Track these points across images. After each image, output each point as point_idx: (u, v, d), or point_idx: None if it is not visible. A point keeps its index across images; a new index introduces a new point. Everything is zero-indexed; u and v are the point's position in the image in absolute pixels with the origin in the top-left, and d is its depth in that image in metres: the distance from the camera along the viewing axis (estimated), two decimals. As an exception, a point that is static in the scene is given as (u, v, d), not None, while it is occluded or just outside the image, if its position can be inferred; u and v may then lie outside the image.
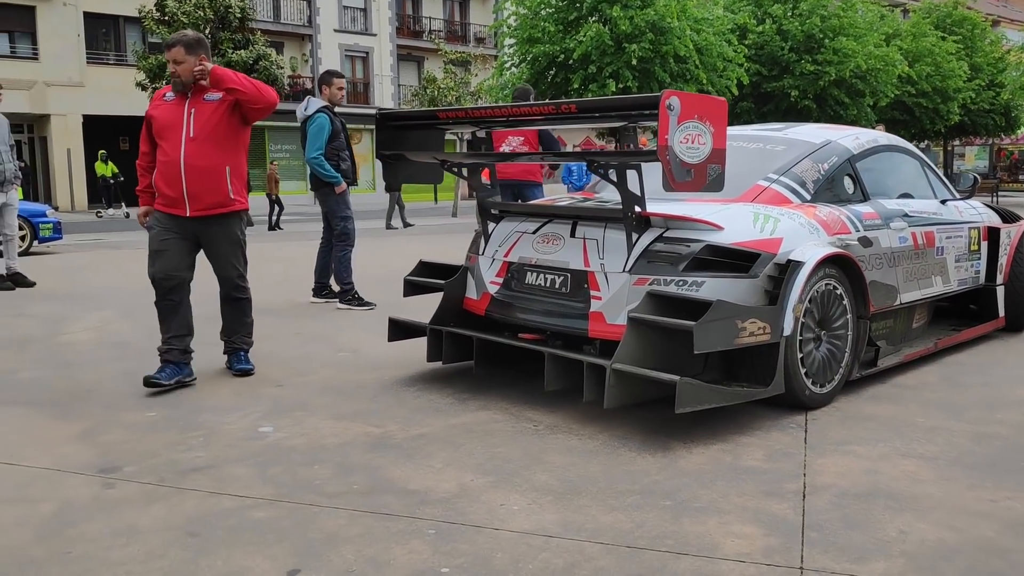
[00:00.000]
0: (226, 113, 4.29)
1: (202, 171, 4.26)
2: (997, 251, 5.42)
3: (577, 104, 3.59)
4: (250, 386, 4.44)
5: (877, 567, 2.46)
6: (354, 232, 6.69)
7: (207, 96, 4.29)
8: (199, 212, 4.32)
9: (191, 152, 4.24)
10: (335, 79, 6.70)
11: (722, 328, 3.43)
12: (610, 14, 17.88)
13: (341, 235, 6.62)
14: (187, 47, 4.22)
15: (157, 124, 4.34)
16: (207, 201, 4.31)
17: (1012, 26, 48.72)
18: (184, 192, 4.26)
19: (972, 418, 3.85)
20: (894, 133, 13.07)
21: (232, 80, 4.21)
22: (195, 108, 4.27)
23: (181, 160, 4.23)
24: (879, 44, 23.04)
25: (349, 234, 6.63)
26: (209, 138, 4.25)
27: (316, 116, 6.45)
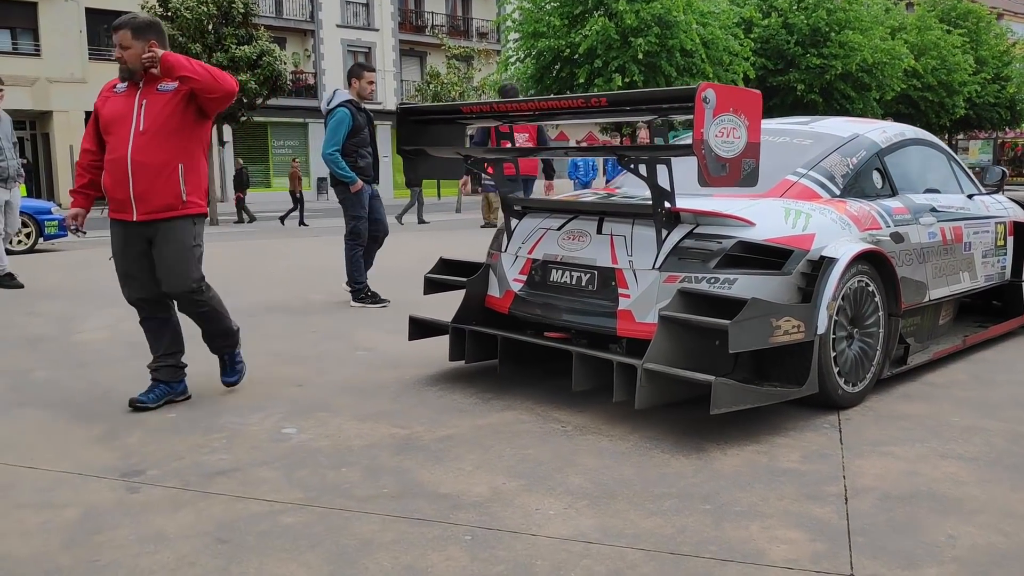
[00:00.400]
0: (180, 105, 3.81)
1: (151, 169, 3.77)
2: (1023, 247, 5.34)
3: (608, 97, 3.51)
4: (270, 386, 4.37)
5: (929, 573, 2.39)
6: (366, 232, 6.56)
7: (161, 87, 3.82)
8: (147, 216, 3.82)
9: (139, 147, 3.76)
10: (366, 72, 6.52)
11: (757, 327, 3.35)
12: (616, 8, 17.82)
13: (352, 233, 6.51)
14: (135, 31, 3.78)
15: (104, 118, 3.88)
16: (155, 203, 3.80)
17: (1017, 19, 48.52)
18: (131, 193, 3.79)
19: (1008, 417, 3.78)
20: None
21: (185, 67, 3.71)
22: (147, 100, 3.81)
23: (128, 157, 3.76)
24: (885, 38, 22.99)
25: (360, 233, 6.51)
26: (160, 132, 3.78)
27: (337, 110, 6.30)
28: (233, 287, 7.91)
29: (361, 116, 6.38)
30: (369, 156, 6.43)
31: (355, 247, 6.51)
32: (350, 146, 6.30)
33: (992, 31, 30.61)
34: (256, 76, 18.62)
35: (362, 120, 6.37)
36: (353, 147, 6.34)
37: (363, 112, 6.44)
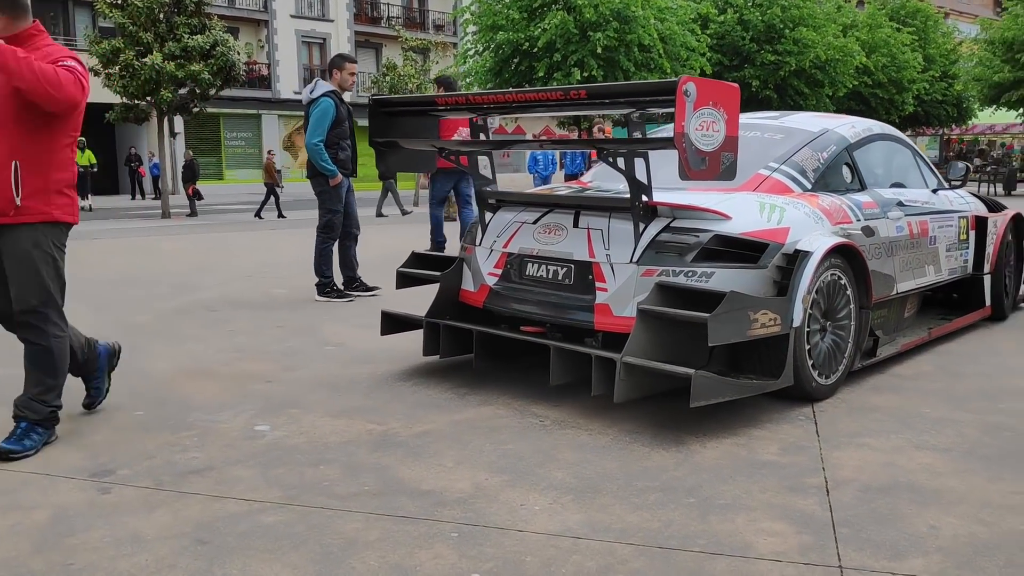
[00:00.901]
0: (16, 90, 3.08)
1: None
2: (984, 241, 5.45)
3: (588, 90, 3.48)
4: (237, 383, 4.28)
5: (915, 564, 2.41)
6: (340, 226, 6.45)
7: None
8: None
9: None
10: (347, 64, 6.39)
11: (735, 320, 3.36)
12: (574, 2, 17.82)
13: (325, 227, 6.41)
14: None
15: None
16: None
17: (961, 18, 49.63)
18: None
19: (977, 408, 3.85)
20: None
21: (7, 62, 3.00)
22: None
23: None
24: (837, 35, 23.33)
25: (334, 227, 6.41)
26: None
27: (320, 100, 6.17)
28: (194, 281, 7.77)
29: (343, 108, 6.27)
30: (349, 149, 6.31)
31: (326, 240, 6.40)
32: (331, 138, 6.18)
33: (940, 30, 31.26)
34: (210, 66, 18.25)
35: (344, 112, 6.26)
36: (334, 139, 6.22)
37: (344, 104, 6.33)
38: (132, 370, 4.49)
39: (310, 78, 34.67)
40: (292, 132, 34.96)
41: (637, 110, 3.58)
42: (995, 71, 24.67)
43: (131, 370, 4.48)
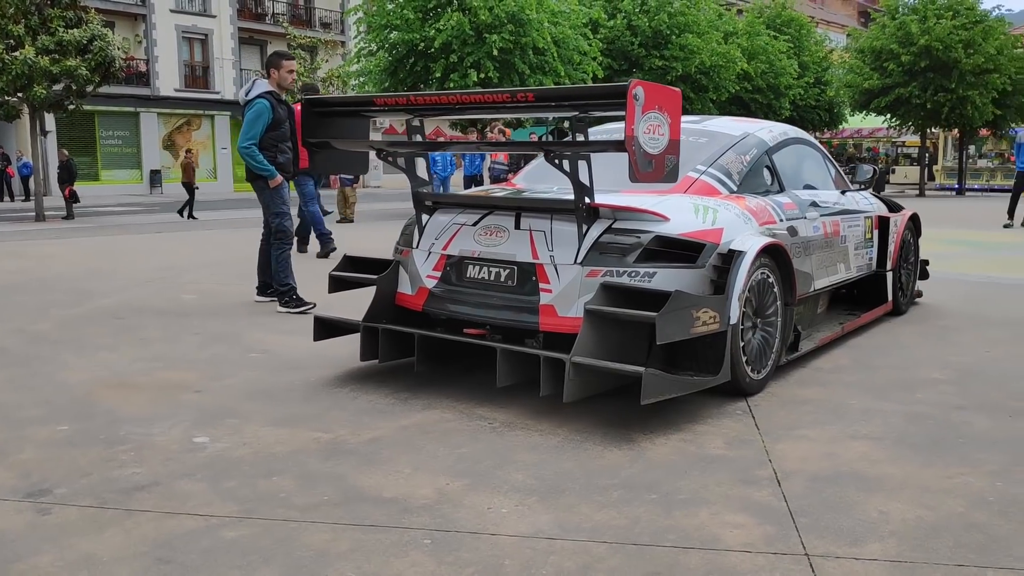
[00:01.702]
0: None
1: None
2: (887, 239, 5.76)
3: (535, 92, 3.50)
4: (164, 393, 4.10)
5: (874, 548, 2.53)
6: (292, 228, 6.19)
7: None
8: None
9: None
10: (285, 62, 6.07)
11: (680, 318, 3.45)
12: (470, 4, 17.81)
13: (277, 232, 6.09)
14: None
15: None
16: None
17: (829, 28, 52.29)
18: None
19: (897, 398, 4.06)
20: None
21: None
22: None
23: None
24: (720, 42, 24.16)
25: (287, 231, 6.11)
26: None
27: (255, 102, 5.87)
28: (89, 287, 7.38)
29: (282, 109, 5.98)
30: (289, 151, 6.04)
31: (283, 246, 6.07)
32: (269, 140, 5.90)
33: (812, 38, 32.84)
34: (87, 62, 17.36)
35: (282, 113, 5.98)
36: (272, 141, 5.93)
37: (283, 104, 6.05)
38: (45, 382, 4.24)
39: (191, 75, 33.64)
40: (172, 131, 33.69)
41: (580, 113, 3.62)
42: (865, 78, 26.13)
43: (44, 382, 4.24)
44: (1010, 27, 27.20)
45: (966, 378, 4.43)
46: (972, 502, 2.87)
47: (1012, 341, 5.34)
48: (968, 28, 25.05)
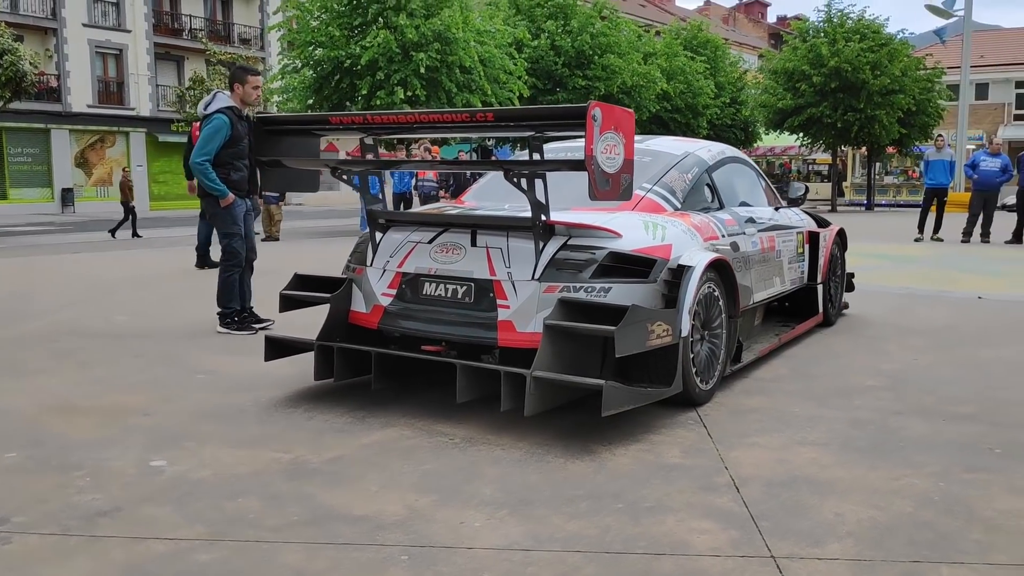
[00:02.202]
0: None
1: None
2: (817, 253, 6.01)
3: (495, 112, 3.57)
4: (113, 416, 4.00)
5: (834, 548, 2.65)
6: (242, 250, 5.92)
7: None
8: None
9: None
10: (251, 76, 5.85)
11: (637, 332, 3.54)
12: (396, 22, 17.85)
13: (226, 253, 5.84)
14: None
15: None
16: None
17: (741, 49, 53.92)
18: None
19: (837, 406, 4.24)
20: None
21: None
22: None
23: None
24: (640, 62, 24.73)
25: (236, 253, 5.86)
26: None
27: (213, 117, 5.66)
28: (14, 308, 7.13)
29: (242, 125, 5.74)
30: (245, 169, 5.81)
31: (230, 267, 5.83)
32: (225, 157, 5.68)
33: (727, 59, 33.85)
34: (-3, 76, 16.80)
35: (242, 130, 5.74)
36: (228, 158, 5.72)
37: (244, 120, 5.80)
38: (-17, 409, 4.09)
39: (105, 91, 32.69)
40: (85, 148, 32.65)
41: (536, 133, 3.69)
42: (779, 99, 27.06)
43: (-18, 409, 4.09)
44: (912, 49, 28.54)
45: (899, 385, 4.65)
46: (919, 502, 3.02)
47: (936, 349, 5.62)
48: (875, 51, 26.18)
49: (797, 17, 33.32)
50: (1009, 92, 42.51)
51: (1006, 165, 14.24)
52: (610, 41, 23.64)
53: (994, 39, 44.82)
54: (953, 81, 32.56)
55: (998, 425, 3.93)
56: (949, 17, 28.79)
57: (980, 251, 13.10)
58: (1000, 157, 14.34)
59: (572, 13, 24.09)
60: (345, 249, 4.90)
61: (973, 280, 9.34)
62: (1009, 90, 42.47)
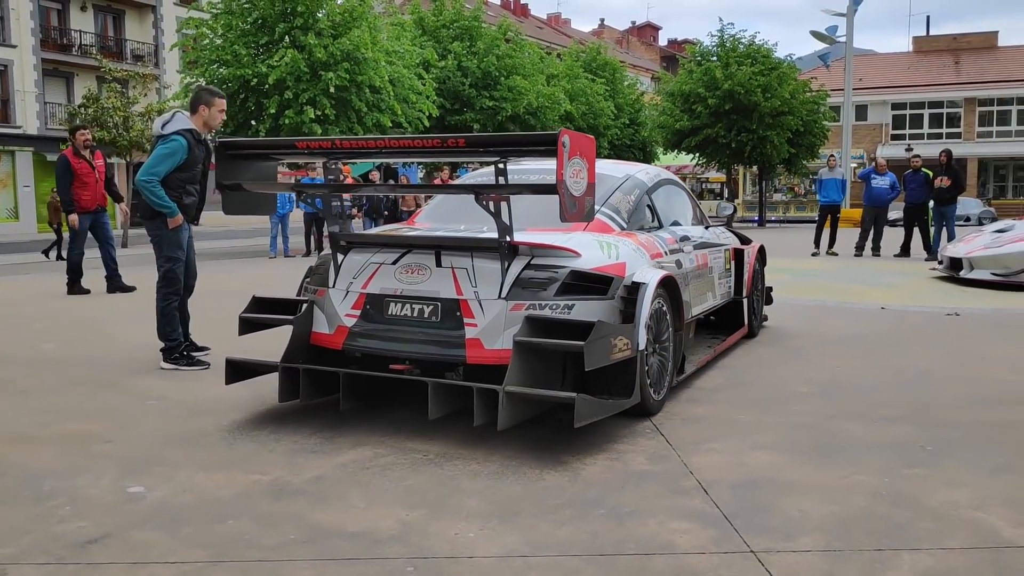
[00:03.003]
0: None
1: None
2: (742, 269, 6.36)
3: (466, 139, 3.70)
4: (74, 445, 3.93)
5: (806, 541, 2.88)
6: (182, 276, 5.63)
7: None
8: None
9: None
10: (217, 100, 5.56)
11: (603, 346, 3.73)
12: (304, 41, 17.75)
13: (165, 279, 5.52)
14: None
15: None
16: None
17: (634, 71, 55.55)
18: None
19: (777, 412, 4.53)
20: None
21: None
22: None
23: None
24: (544, 84, 25.24)
25: (175, 279, 5.54)
26: None
27: (171, 138, 5.39)
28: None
29: (199, 149, 5.51)
30: (196, 195, 5.57)
31: (169, 296, 5.55)
32: (176, 180, 5.41)
33: (626, 81, 34.85)
34: None
35: (199, 154, 5.51)
36: (181, 182, 5.45)
37: (203, 144, 5.58)
38: (-70, 442, 3.95)
39: (-12, 108, 31.13)
40: (-34, 168, 31.04)
41: (503, 159, 3.84)
42: (676, 120, 28.04)
43: (-71, 442, 3.95)
44: (799, 72, 30.06)
45: (828, 391, 4.99)
46: (870, 497, 3.29)
47: (853, 357, 6.02)
48: (765, 74, 27.46)
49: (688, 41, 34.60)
50: (886, 113, 45.16)
51: (894, 183, 15.17)
52: (516, 63, 24.06)
53: (870, 63, 47.65)
54: (835, 103, 34.43)
55: (924, 425, 4.28)
56: (832, 43, 30.43)
57: (873, 264, 13.92)
58: (888, 175, 15.25)
59: (478, 35, 24.43)
60: (254, 270, 4.92)
61: (872, 292, 9.95)
62: (886, 111, 45.12)
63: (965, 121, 44.04)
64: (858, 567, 2.69)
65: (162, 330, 5.59)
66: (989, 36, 49.43)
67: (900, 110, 45.24)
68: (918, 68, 47.17)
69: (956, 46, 49.03)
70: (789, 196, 38.23)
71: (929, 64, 47.47)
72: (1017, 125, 43.39)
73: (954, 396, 4.86)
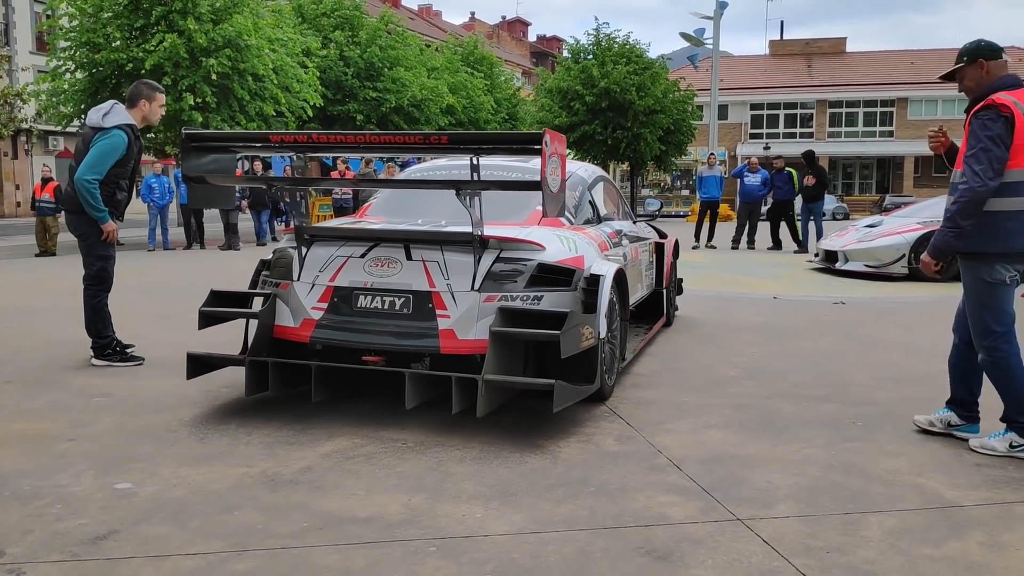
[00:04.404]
0: None
1: None
2: (662, 262, 6.70)
3: (449, 136, 3.80)
4: (34, 444, 3.80)
5: (782, 509, 3.18)
6: (112, 276, 5.49)
7: None
8: None
9: None
10: (158, 95, 5.39)
11: (575, 335, 3.94)
12: (184, 26, 17.12)
13: (96, 278, 5.43)
14: None
15: None
16: None
17: (508, 66, 56.18)
18: None
19: (717, 394, 4.86)
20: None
21: None
22: None
23: None
24: (427, 76, 25.25)
25: (107, 278, 5.44)
26: None
27: (112, 132, 5.17)
28: None
29: (136, 145, 5.32)
30: (127, 190, 5.40)
31: (99, 293, 5.42)
32: (110, 175, 5.23)
33: (503, 76, 35.25)
34: None
35: (136, 149, 5.33)
36: (114, 177, 5.26)
37: (139, 140, 5.40)
38: None
39: None
40: None
41: (476, 156, 3.97)
42: (555, 116, 28.61)
43: None
44: (669, 73, 31.26)
45: (755, 374, 5.38)
46: (824, 468, 3.63)
47: (765, 343, 6.47)
48: (639, 73, 28.43)
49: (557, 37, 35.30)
50: (745, 113, 47.50)
51: (765, 179, 16.09)
52: (399, 55, 23.95)
53: (730, 65, 49.89)
54: (701, 102, 35.95)
55: (847, 404, 4.69)
56: (700, 44, 31.74)
57: (750, 257, 14.75)
58: (760, 173, 16.17)
59: (359, 24, 24.16)
60: (137, 263, 4.86)
61: (760, 283, 10.61)
62: (745, 111, 47.45)
63: (817, 122, 46.90)
64: (834, 528, 3.00)
65: (93, 327, 5.45)
66: (838, 42, 52.76)
67: (758, 110, 47.69)
68: (774, 70, 49.84)
69: (809, 50, 52.09)
70: (656, 191, 39.69)
71: (784, 67, 50.24)
72: (864, 126, 46.59)
73: (866, 377, 5.34)
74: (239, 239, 15.79)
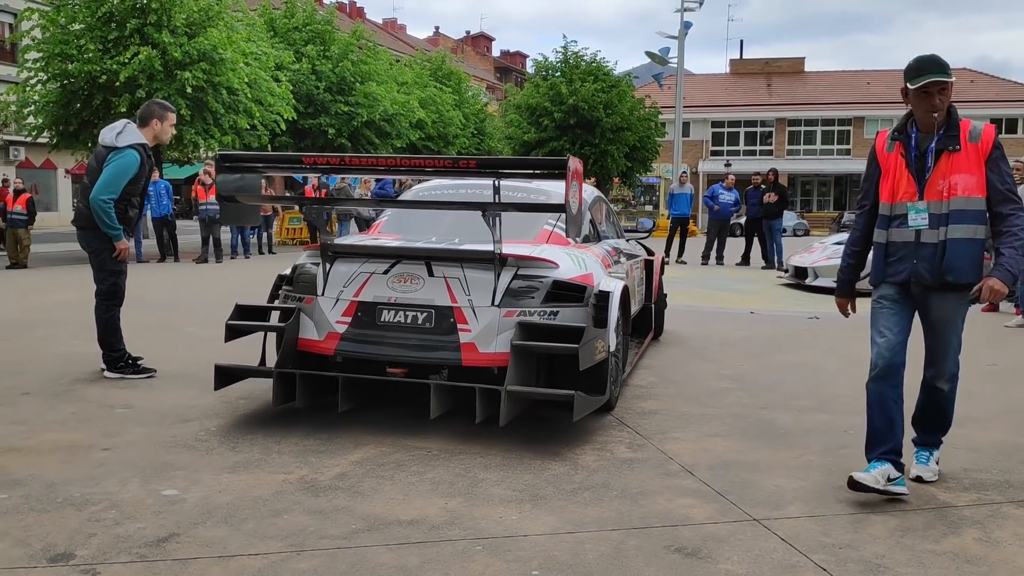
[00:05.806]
0: None
1: None
2: (651, 278, 6.98)
3: (477, 160, 4.02)
4: (72, 454, 3.93)
5: (793, 510, 3.43)
6: (124, 291, 5.58)
7: None
8: None
9: None
10: (169, 114, 5.50)
11: (591, 348, 4.17)
12: (159, 39, 17.15)
13: (109, 293, 5.52)
14: None
15: None
16: None
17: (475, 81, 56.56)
18: None
19: (713, 404, 5.12)
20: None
21: None
22: None
23: None
24: (398, 91, 25.44)
25: (119, 293, 5.54)
26: None
27: (125, 152, 5.27)
28: None
29: (148, 164, 5.46)
30: (138, 207, 5.55)
31: (112, 308, 5.51)
32: (124, 193, 5.35)
33: (471, 91, 35.56)
34: None
35: (147, 168, 5.46)
36: (126, 195, 5.37)
37: (150, 159, 5.52)
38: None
39: None
40: None
41: (496, 180, 4.19)
42: (524, 132, 28.96)
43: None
44: (635, 89, 31.82)
45: (746, 386, 5.65)
46: (826, 473, 3.90)
47: (751, 356, 6.77)
48: (606, 91, 28.91)
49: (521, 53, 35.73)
50: (706, 130, 48.33)
51: (737, 198, 16.54)
52: (371, 69, 24.12)
53: (692, 83, 50.65)
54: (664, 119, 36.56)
55: (837, 413, 4.98)
56: (664, 63, 32.35)
57: (720, 272, 15.14)
58: (734, 192, 16.61)
59: (331, 39, 24.30)
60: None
61: (735, 298, 10.95)
62: (706, 129, 48.28)
63: (776, 140, 47.88)
64: (843, 527, 3.26)
65: (106, 341, 5.55)
66: (796, 61, 53.91)
67: (719, 128, 48.57)
68: (735, 89, 50.80)
69: (768, 69, 53.15)
70: (620, 206, 40.22)
71: (745, 86, 51.22)
72: (821, 144, 47.66)
73: (850, 388, 5.61)
74: (223, 252, 15.80)
